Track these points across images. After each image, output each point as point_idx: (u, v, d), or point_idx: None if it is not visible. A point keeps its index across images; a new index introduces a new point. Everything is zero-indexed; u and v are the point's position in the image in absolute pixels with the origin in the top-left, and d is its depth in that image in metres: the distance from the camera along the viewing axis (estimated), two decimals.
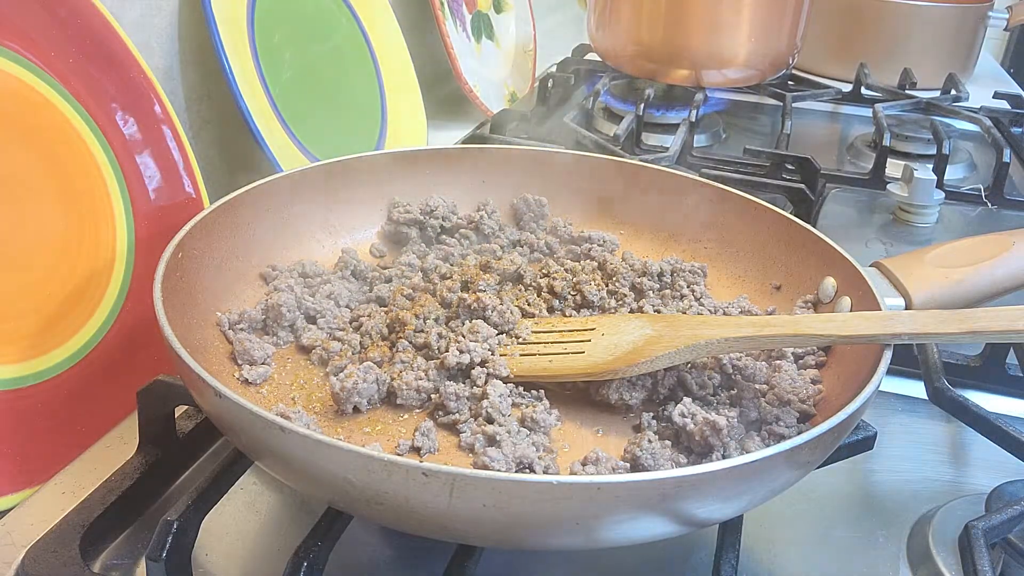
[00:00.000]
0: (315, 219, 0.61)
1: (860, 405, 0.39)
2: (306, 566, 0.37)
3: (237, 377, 0.49)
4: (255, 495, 0.47)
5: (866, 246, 0.80)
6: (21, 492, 0.46)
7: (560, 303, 0.56)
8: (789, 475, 0.39)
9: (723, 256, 0.62)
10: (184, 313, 0.48)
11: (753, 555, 0.45)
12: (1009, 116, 1.17)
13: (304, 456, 0.35)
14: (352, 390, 0.46)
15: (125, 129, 0.58)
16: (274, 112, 0.72)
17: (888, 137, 0.96)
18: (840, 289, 0.53)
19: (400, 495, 0.34)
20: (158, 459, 0.47)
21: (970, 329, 0.43)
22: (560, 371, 0.48)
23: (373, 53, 0.89)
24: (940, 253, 0.54)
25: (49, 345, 0.50)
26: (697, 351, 0.46)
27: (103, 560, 0.43)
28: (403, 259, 0.60)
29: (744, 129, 1.15)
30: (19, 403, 0.48)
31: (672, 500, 0.34)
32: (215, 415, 0.40)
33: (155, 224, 0.58)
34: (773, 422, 0.46)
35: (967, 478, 0.53)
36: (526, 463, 0.42)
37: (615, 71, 1.13)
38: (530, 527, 0.35)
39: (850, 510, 0.49)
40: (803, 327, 0.45)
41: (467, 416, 0.46)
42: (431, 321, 0.52)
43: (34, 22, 0.53)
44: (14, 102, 0.51)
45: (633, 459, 0.43)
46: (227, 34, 0.68)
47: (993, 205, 0.91)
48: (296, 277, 0.56)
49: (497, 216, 0.65)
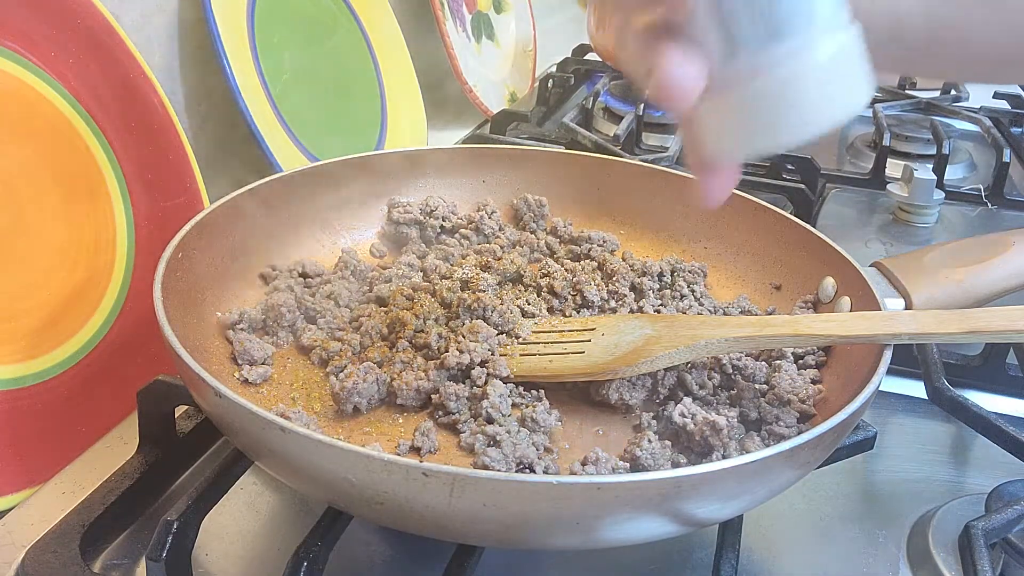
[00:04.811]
0: (315, 219, 0.61)
1: (860, 405, 0.39)
2: (306, 566, 0.37)
3: (237, 377, 0.49)
4: (255, 495, 0.47)
5: (866, 246, 0.80)
6: (21, 492, 0.46)
7: (560, 303, 0.56)
8: (789, 475, 0.39)
9: (723, 256, 0.62)
10: (184, 313, 0.48)
11: (753, 555, 0.45)
12: (1009, 116, 1.17)
13: (304, 456, 0.35)
14: (352, 390, 0.46)
15: (125, 129, 0.58)
16: (274, 112, 0.72)
17: (888, 137, 0.96)
18: (840, 289, 0.53)
19: (400, 495, 0.34)
20: (158, 459, 0.47)
21: (970, 329, 0.43)
22: (560, 371, 0.48)
23: (373, 53, 0.89)
24: (940, 253, 0.54)
25: (49, 345, 0.50)
26: (697, 351, 0.46)
27: (103, 560, 0.43)
28: (403, 259, 0.60)
29: None
30: (19, 403, 0.48)
31: (672, 500, 0.34)
32: (215, 415, 0.40)
33: (155, 224, 0.58)
34: (773, 422, 0.46)
35: (967, 478, 0.53)
36: (526, 463, 0.42)
37: (615, 71, 1.13)
38: (530, 527, 0.35)
39: (850, 510, 0.49)
40: (803, 327, 0.45)
41: (467, 416, 0.46)
42: (431, 321, 0.52)
43: (34, 22, 0.53)
44: (14, 102, 0.51)
45: (633, 459, 0.43)
46: (227, 34, 0.68)
47: (993, 205, 0.91)
48: (296, 277, 0.57)
49: (497, 216, 0.65)
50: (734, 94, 0.33)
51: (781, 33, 0.32)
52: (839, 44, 0.32)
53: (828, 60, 0.32)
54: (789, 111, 0.33)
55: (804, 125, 0.33)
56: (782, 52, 0.32)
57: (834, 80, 0.33)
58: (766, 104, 0.33)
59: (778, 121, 0.33)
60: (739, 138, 0.35)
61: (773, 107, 0.33)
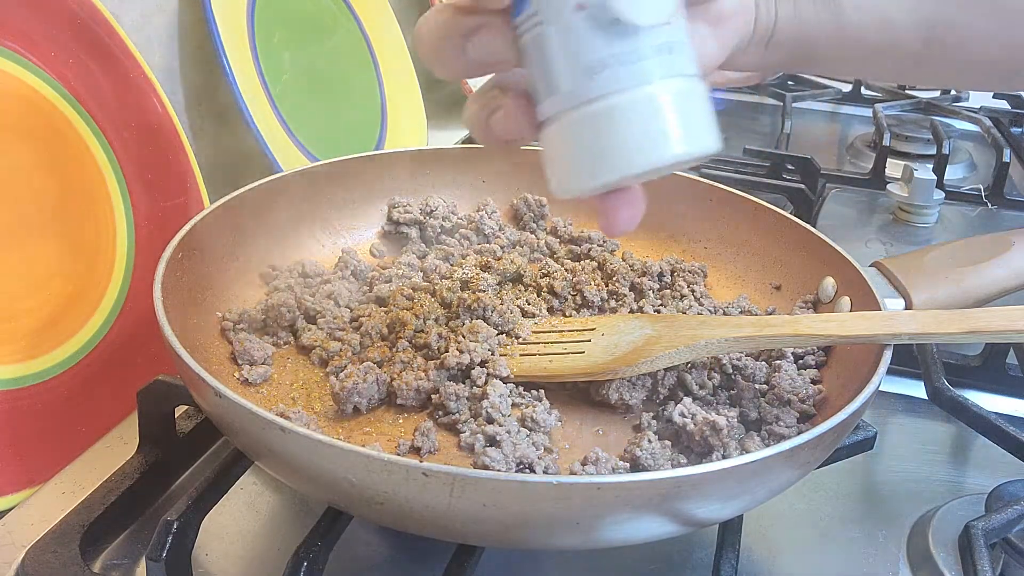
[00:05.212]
0: (315, 219, 0.61)
1: (860, 405, 0.39)
2: (306, 566, 0.37)
3: (237, 377, 0.49)
4: (255, 495, 0.47)
5: (866, 246, 0.80)
6: (21, 492, 0.46)
7: (560, 303, 0.56)
8: (789, 475, 0.39)
9: (723, 256, 0.62)
10: (184, 313, 0.48)
11: (753, 555, 0.45)
12: (1009, 116, 1.17)
13: (304, 456, 0.35)
14: (352, 390, 0.46)
15: (125, 129, 0.58)
16: (274, 112, 0.72)
17: (888, 137, 0.96)
18: (840, 289, 0.53)
19: (400, 495, 0.34)
20: (158, 459, 0.47)
21: (970, 329, 0.43)
22: (560, 371, 0.48)
23: (373, 53, 0.89)
24: (940, 253, 0.54)
25: (49, 345, 0.50)
26: (697, 351, 0.46)
27: (103, 560, 0.43)
28: (403, 259, 0.60)
29: (744, 129, 1.15)
30: (19, 403, 0.48)
31: (672, 500, 0.34)
32: (215, 415, 0.40)
33: (155, 224, 0.58)
34: (773, 422, 0.46)
35: (967, 478, 0.53)
36: (526, 463, 0.42)
37: None
38: (530, 527, 0.35)
39: (850, 510, 0.49)
40: (803, 327, 0.45)
41: (467, 416, 0.46)
42: (431, 321, 0.52)
43: (34, 22, 0.53)
44: (14, 102, 0.51)
45: (633, 459, 0.43)
46: (227, 34, 0.68)
47: (993, 205, 0.91)
48: (296, 277, 0.56)
49: (497, 216, 0.65)
50: (553, 127, 0.33)
51: (593, 71, 0.32)
52: (665, 88, 0.32)
53: (645, 102, 0.32)
54: (603, 148, 0.32)
55: (616, 164, 0.32)
56: (596, 89, 0.32)
57: (653, 122, 0.32)
58: (578, 139, 0.33)
59: (590, 157, 0.33)
60: (561, 171, 0.34)
61: (586, 143, 0.33)
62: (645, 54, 0.32)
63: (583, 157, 0.33)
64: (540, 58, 0.33)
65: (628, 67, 0.32)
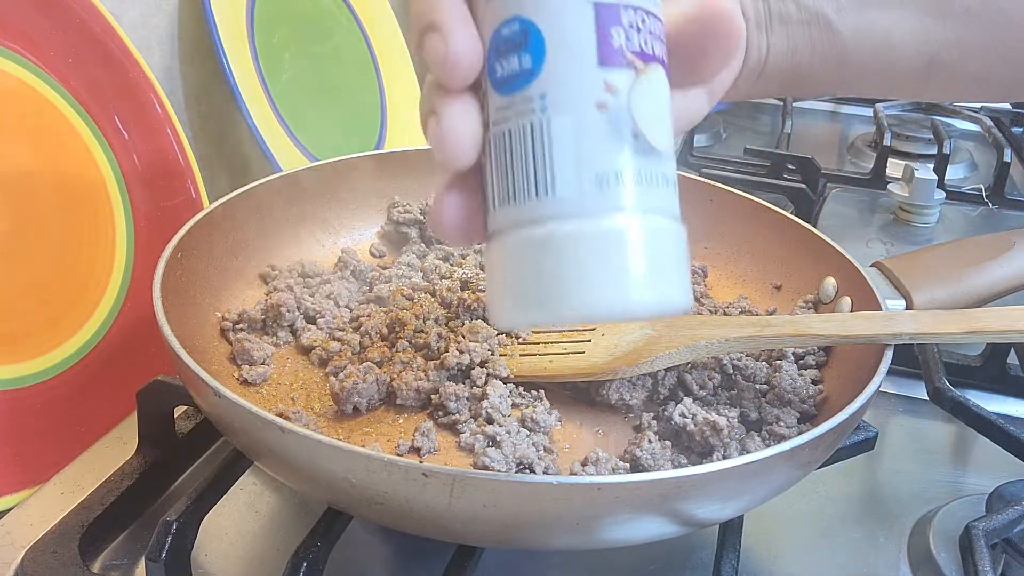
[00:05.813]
0: (315, 219, 0.61)
1: (861, 405, 0.39)
2: (306, 566, 0.37)
3: (237, 377, 0.49)
4: (255, 495, 0.47)
5: (867, 246, 0.80)
6: (21, 492, 0.46)
7: None
8: (789, 475, 0.39)
9: (723, 256, 0.62)
10: (184, 313, 0.48)
11: (753, 555, 0.45)
12: (1010, 116, 1.17)
13: (304, 456, 0.35)
14: (352, 390, 0.46)
15: (125, 129, 0.58)
16: (274, 112, 0.72)
17: (889, 137, 0.96)
18: (840, 289, 0.53)
19: (400, 495, 0.34)
20: (158, 459, 0.47)
21: (971, 329, 0.43)
22: (560, 371, 0.48)
23: (373, 53, 0.89)
24: (940, 253, 0.54)
25: (49, 345, 0.50)
26: (697, 351, 0.46)
27: (103, 560, 0.43)
28: (403, 259, 0.60)
29: (744, 129, 1.15)
30: (19, 403, 0.48)
31: (672, 500, 0.34)
32: (214, 415, 0.40)
33: (155, 224, 0.58)
34: (773, 422, 0.46)
35: (968, 478, 0.53)
36: (526, 463, 0.42)
37: None
38: (530, 527, 0.35)
39: (850, 510, 0.49)
40: (803, 327, 0.45)
41: (467, 416, 0.46)
42: (431, 321, 0.52)
43: (34, 22, 0.52)
44: (14, 102, 0.51)
45: (633, 459, 0.43)
46: (227, 34, 0.68)
47: (994, 205, 0.91)
48: (296, 277, 0.56)
49: None
50: (496, 244, 0.29)
51: (604, 182, 0.27)
52: (634, 226, 0.27)
53: (599, 237, 0.27)
54: (593, 274, 0.27)
55: (557, 302, 0.28)
56: (603, 202, 0.27)
57: (608, 263, 0.27)
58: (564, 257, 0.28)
59: (577, 280, 0.27)
60: (524, 295, 0.28)
61: (574, 263, 0.27)
62: (656, 180, 0.28)
63: (566, 280, 0.28)
64: (529, 152, 0.28)
65: (641, 187, 0.28)
